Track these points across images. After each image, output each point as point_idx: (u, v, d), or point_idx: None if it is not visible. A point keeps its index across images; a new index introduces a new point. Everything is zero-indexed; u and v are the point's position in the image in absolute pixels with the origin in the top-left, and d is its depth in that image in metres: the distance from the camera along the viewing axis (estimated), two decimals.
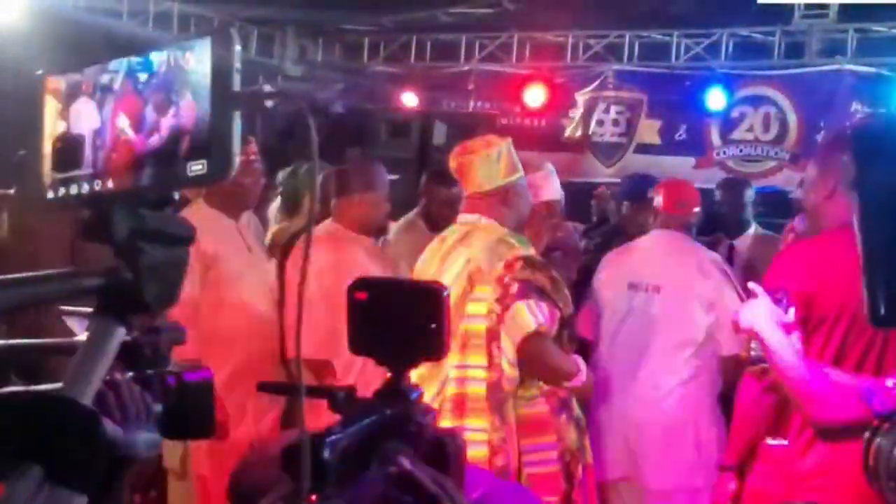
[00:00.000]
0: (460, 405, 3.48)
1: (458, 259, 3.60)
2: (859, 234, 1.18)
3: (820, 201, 2.88)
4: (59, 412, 0.93)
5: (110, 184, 0.99)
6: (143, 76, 1.00)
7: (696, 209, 4.53)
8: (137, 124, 0.98)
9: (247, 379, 3.65)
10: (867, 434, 1.61)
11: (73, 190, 1.01)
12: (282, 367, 3.90)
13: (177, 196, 1.04)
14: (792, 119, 9.44)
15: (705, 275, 4.28)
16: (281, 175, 6.49)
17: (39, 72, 1.06)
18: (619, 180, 7.54)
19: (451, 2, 9.88)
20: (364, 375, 3.27)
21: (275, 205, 6.02)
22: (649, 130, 10.00)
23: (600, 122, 10.18)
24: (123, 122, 0.99)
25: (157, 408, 1.18)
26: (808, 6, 9.18)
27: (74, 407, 0.94)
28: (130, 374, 1.19)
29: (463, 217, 3.72)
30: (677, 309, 4.28)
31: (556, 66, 10.23)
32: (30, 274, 0.98)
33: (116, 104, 1.00)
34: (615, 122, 10.14)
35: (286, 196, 5.82)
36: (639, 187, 5.54)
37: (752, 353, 2.70)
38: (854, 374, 2.60)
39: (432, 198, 5.61)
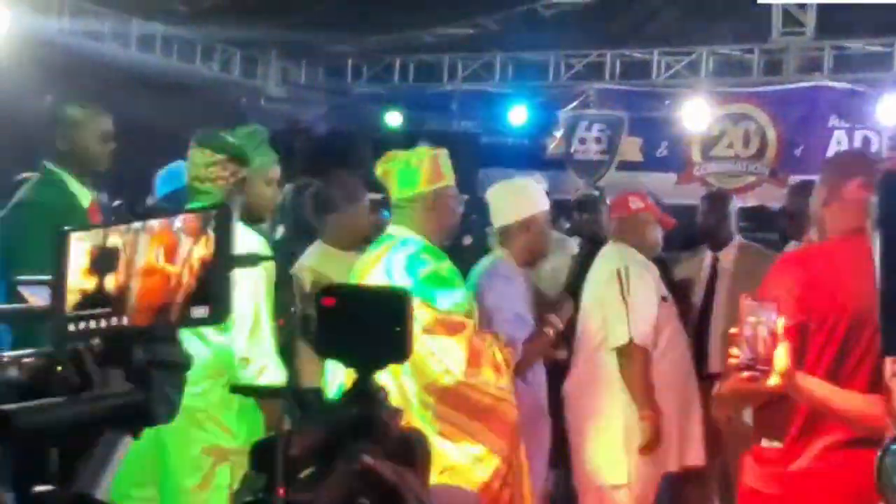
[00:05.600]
0: None
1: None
2: (879, 271, 1.27)
3: (817, 208, 3.04)
4: None
5: (127, 321, 1.18)
6: (176, 223, 1.19)
7: None
8: (171, 258, 1.17)
9: None
10: (879, 453, 1.74)
11: (93, 325, 1.19)
12: None
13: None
14: (771, 135, 9.54)
15: None
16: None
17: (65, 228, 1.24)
18: None
19: (434, 23, 9.97)
20: None
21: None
22: (631, 147, 10.09)
23: (582, 140, 10.27)
24: (158, 255, 1.18)
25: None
26: (786, 23, 9.33)
27: (94, 502, 1.16)
28: None
29: (389, 230, 3.70)
30: None
31: (538, 85, 10.34)
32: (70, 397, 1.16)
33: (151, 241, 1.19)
34: (597, 140, 10.23)
35: (281, 217, 5.88)
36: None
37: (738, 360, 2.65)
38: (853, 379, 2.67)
39: None
